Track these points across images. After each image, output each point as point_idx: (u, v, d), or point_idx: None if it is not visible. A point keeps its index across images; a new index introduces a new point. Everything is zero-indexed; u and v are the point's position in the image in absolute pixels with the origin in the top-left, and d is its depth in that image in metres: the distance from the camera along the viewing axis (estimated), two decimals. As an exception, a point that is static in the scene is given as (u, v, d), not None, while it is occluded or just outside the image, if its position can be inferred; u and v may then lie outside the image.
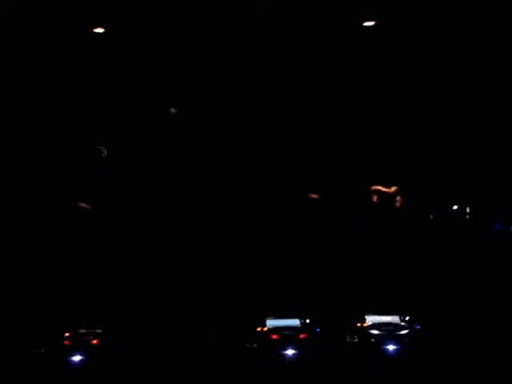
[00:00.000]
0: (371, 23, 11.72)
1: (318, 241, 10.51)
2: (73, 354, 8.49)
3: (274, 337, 8.05)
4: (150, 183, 11.48)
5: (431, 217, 11.35)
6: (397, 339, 7.93)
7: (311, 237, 10.34)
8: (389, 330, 8.09)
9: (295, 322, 8.32)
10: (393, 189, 10.23)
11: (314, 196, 11.28)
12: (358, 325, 8.22)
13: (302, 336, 8.05)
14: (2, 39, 11.05)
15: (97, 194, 10.96)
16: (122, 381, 8.07)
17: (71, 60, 11.58)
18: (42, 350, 8.75)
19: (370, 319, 8.27)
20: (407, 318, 8.23)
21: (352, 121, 12.01)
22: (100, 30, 11.79)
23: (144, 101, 12.23)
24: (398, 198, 10.18)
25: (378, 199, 10.17)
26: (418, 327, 8.14)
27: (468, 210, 11.56)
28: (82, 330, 9.09)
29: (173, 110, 11.81)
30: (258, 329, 8.28)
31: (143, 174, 11.71)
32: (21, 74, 11.27)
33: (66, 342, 8.71)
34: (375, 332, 8.07)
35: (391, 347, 7.85)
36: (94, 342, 8.59)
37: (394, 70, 11.84)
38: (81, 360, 8.48)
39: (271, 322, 8.32)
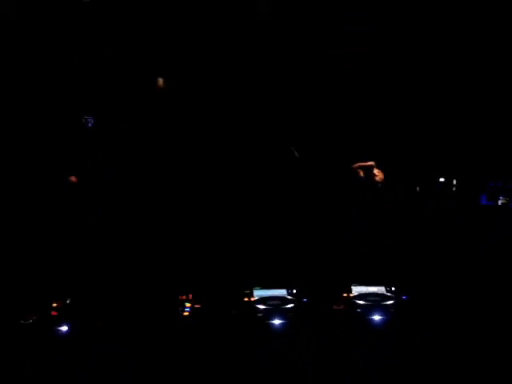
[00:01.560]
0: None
1: (305, 212, 10.54)
2: (60, 325, 8.47)
3: (261, 307, 8.06)
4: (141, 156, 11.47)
5: (417, 189, 11.40)
6: (383, 309, 7.97)
7: (297, 206, 10.36)
8: (375, 301, 8.12)
9: (282, 292, 8.33)
10: (370, 162, 10.25)
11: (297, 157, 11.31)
12: (345, 295, 8.24)
13: (288, 306, 8.07)
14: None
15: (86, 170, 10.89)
16: (110, 352, 8.09)
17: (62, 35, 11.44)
18: (30, 321, 8.73)
19: (357, 290, 8.29)
20: (393, 289, 8.27)
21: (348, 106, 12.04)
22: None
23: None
24: (377, 171, 10.22)
25: (363, 174, 10.21)
26: (405, 298, 8.19)
27: (455, 182, 11.62)
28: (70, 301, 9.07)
29: (160, 83, 11.67)
30: (245, 299, 8.28)
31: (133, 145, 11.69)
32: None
33: (54, 313, 8.69)
34: (361, 302, 8.11)
35: (377, 317, 7.89)
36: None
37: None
38: (68, 331, 8.46)
39: (258, 293, 8.32)
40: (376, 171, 10.17)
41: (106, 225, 10.25)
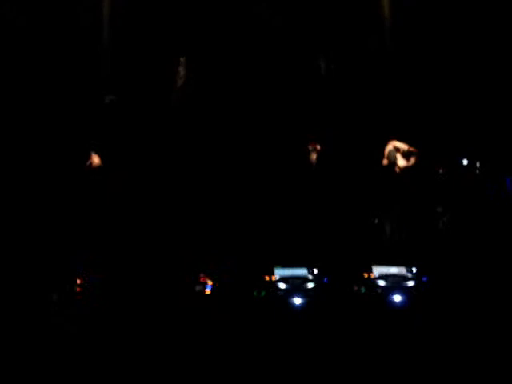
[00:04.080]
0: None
1: (327, 193, 10.57)
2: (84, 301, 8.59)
3: (283, 285, 8.14)
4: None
5: (441, 171, 11.35)
6: (403, 290, 8.00)
7: (320, 187, 10.40)
8: (396, 282, 8.16)
9: (303, 271, 8.39)
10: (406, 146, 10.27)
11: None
12: (366, 276, 8.28)
13: (310, 285, 8.14)
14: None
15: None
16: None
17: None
18: (54, 297, 8.87)
19: (378, 270, 8.33)
20: (414, 270, 8.29)
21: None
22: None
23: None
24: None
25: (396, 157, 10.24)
26: (425, 279, 8.20)
27: (478, 164, 11.54)
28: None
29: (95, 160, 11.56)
30: (267, 278, 8.36)
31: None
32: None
33: (78, 289, 8.81)
34: (382, 283, 8.14)
35: (398, 298, 7.92)
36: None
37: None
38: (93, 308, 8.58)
39: (279, 272, 8.40)
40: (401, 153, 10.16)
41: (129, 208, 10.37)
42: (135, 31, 11.90)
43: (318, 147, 11.79)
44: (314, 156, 11.81)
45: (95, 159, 10.98)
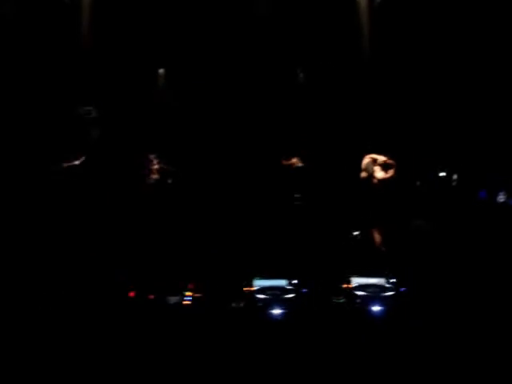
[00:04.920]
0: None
1: (305, 204, 10.61)
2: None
3: (261, 296, 8.11)
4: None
5: (418, 183, 11.47)
6: (382, 300, 8.02)
7: (299, 199, 10.43)
8: (374, 292, 8.18)
9: (282, 282, 8.38)
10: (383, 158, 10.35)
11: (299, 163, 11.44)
12: (344, 286, 8.30)
13: (288, 296, 8.12)
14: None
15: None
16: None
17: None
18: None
19: (356, 281, 8.35)
20: (393, 281, 8.33)
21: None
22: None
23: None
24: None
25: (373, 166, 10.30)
26: (404, 289, 8.24)
27: (455, 177, 11.67)
28: None
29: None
30: (245, 289, 8.34)
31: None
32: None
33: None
34: (361, 293, 8.16)
35: (376, 308, 7.94)
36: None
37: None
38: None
39: (258, 283, 8.37)
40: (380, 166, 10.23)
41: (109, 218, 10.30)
42: (115, 41, 11.89)
43: (295, 159, 11.84)
44: (291, 167, 11.85)
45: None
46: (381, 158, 10.23)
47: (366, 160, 10.33)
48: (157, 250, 9.39)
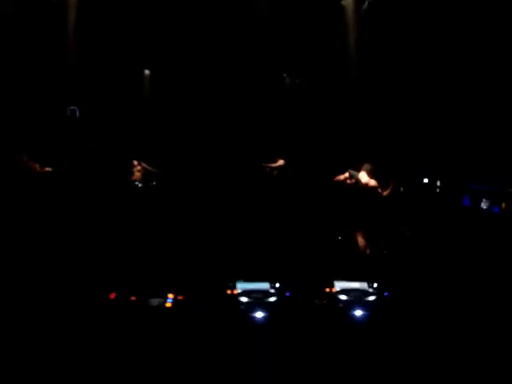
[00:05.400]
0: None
1: (290, 208, 10.61)
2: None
3: (244, 299, 8.08)
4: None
5: (401, 189, 11.52)
6: (365, 305, 8.02)
7: (283, 203, 10.43)
8: (357, 296, 8.18)
9: (265, 285, 8.35)
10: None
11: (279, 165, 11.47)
12: (327, 290, 8.28)
13: (271, 299, 8.09)
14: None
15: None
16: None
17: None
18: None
19: (339, 285, 8.34)
20: (375, 285, 8.33)
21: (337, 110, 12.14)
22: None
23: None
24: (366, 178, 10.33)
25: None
26: (387, 294, 8.24)
27: (438, 183, 11.74)
28: None
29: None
30: (229, 291, 8.29)
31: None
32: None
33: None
34: (343, 297, 8.15)
35: (359, 312, 7.94)
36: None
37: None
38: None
39: (241, 285, 8.34)
40: (365, 179, 10.28)
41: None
42: (100, 42, 11.86)
43: (281, 162, 11.86)
44: (276, 171, 11.86)
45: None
46: (366, 166, 10.27)
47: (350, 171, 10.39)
48: (139, 252, 9.34)
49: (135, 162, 12.06)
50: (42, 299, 8.18)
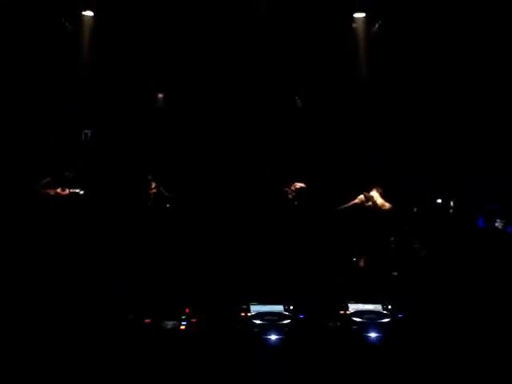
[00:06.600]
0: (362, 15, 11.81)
1: (303, 230, 10.60)
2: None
3: (258, 322, 8.07)
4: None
5: (415, 210, 11.49)
6: (379, 327, 7.98)
7: (296, 224, 10.43)
8: (371, 318, 8.15)
9: (279, 308, 8.33)
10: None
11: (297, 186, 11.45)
12: (341, 312, 8.26)
13: (285, 322, 8.08)
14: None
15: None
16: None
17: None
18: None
19: (353, 307, 8.31)
20: (390, 307, 8.30)
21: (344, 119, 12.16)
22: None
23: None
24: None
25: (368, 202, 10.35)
26: (401, 316, 8.21)
27: (452, 203, 11.70)
28: None
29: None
30: (242, 314, 8.29)
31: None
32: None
33: None
34: (358, 319, 8.13)
35: (373, 334, 7.90)
36: None
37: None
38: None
39: (255, 308, 8.33)
40: (379, 200, 10.28)
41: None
42: (113, 64, 11.98)
43: (300, 185, 11.83)
44: (289, 192, 11.86)
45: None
46: (378, 189, 10.28)
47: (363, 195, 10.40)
48: (154, 274, 9.36)
49: (153, 184, 12.04)
50: (58, 319, 8.22)
